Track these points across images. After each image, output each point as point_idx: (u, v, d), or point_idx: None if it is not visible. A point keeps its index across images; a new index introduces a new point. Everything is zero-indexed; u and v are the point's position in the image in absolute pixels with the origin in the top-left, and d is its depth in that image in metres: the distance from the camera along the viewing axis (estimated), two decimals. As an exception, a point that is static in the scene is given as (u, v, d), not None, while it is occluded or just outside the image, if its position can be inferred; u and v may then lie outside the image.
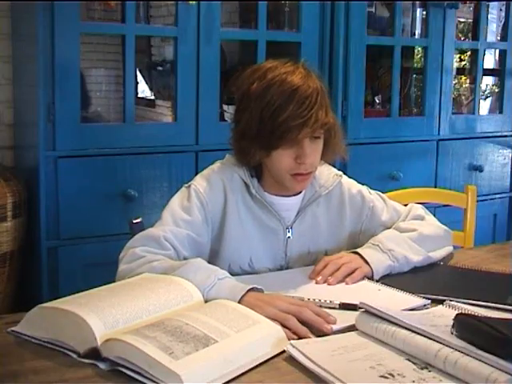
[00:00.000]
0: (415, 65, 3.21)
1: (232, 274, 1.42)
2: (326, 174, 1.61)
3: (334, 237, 1.61)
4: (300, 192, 1.57)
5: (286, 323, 1.16)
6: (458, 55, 3.40)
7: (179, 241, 1.43)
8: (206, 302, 1.22)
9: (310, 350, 1.05)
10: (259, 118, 1.43)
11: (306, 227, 1.57)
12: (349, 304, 1.26)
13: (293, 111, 1.40)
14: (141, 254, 1.37)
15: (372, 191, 1.68)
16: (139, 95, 2.89)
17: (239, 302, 1.20)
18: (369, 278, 1.45)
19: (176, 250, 1.42)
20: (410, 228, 1.60)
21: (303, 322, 1.17)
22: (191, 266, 1.29)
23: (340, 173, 1.64)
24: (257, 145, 1.45)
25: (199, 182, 1.51)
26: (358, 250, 1.51)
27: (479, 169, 3.11)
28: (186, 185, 1.53)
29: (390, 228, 1.63)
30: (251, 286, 1.24)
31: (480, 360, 0.96)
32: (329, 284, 1.42)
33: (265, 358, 1.06)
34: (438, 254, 1.59)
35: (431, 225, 1.64)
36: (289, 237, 1.55)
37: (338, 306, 1.26)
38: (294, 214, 1.56)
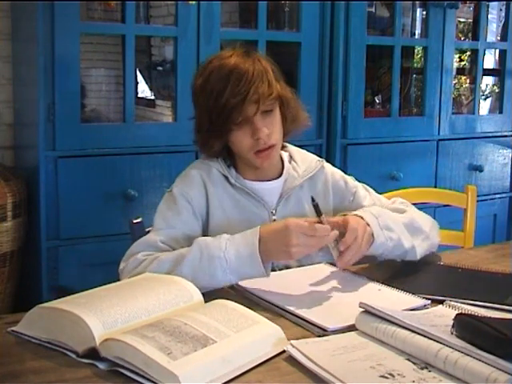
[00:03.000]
0: (415, 65, 3.21)
1: None
2: (309, 159, 1.66)
3: None
4: (280, 176, 1.60)
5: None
6: (458, 55, 3.40)
7: (175, 241, 1.45)
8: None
9: (310, 350, 1.05)
10: (206, 108, 1.49)
11: (290, 211, 1.59)
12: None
13: (231, 90, 1.45)
14: (142, 258, 1.39)
15: (357, 182, 1.70)
16: (139, 95, 2.89)
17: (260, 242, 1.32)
18: (369, 278, 1.46)
19: (174, 250, 1.43)
20: (401, 208, 1.61)
21: None
22: (198, 247, 1.35)
23: (322, 159, 1.68)
24: (212, 134, 1.51)
25: (179, 183, 1.56)
26: (368, 221, 1.46)
27: (479, 169, 3.11)
28: (168, 189, 1.57)
29: None
30: (257, 228, 1.35)
31: (480, 360, 0.96)
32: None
33: (265, 358, 1.06)
34: (423, 248, 1.57)
35: (421, 214, 1.64)
36: (274, 219, 1.56)
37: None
38: (276, 198, 1.59)
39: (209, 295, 1.25)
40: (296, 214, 1.59)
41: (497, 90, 3.35)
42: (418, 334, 1.05)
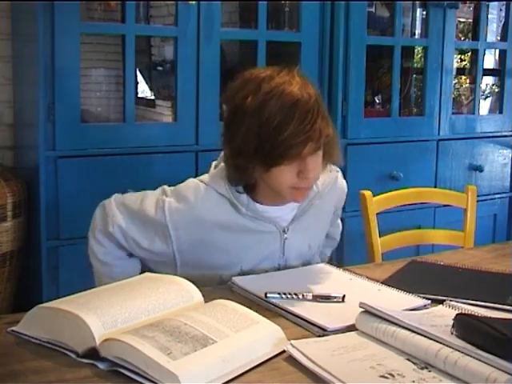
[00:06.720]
0: (415, 65, 3.21)
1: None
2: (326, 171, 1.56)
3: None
4: None
5: None
6: (458, 55, 3.40)
7: (124, 240, 1.50)
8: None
9: (310, 350, 1.05)
10: (258, 135, 1.33)
11: (302, 226, 1.54)
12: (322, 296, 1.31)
13: (295, 127, 1.30)
14: (104, 261, 1.51)
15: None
16: (139, 95, 2.89)
17: None
18: (369, 278, 1.46)
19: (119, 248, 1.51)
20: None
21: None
22: None
23: (337, 168, 1.61)
24: (255, 162, 1.36)
25: (173, 199, 1.45)
26: None
27: (479, 169, 3.10)
28: (166, 188, 1.49)
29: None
30: None
31: (480, 360, 0.96)
32: None
33: (265, 358, 1.06)
34: None
35: None
36: (286, 238, 1.51)
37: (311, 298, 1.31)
38: (289, 219, 1.52)
39: (209, 295, 1.25)
40: (308, 227, 1.55)
41: (497, 90, 3.34)
42: (418, 334, 1.05)
